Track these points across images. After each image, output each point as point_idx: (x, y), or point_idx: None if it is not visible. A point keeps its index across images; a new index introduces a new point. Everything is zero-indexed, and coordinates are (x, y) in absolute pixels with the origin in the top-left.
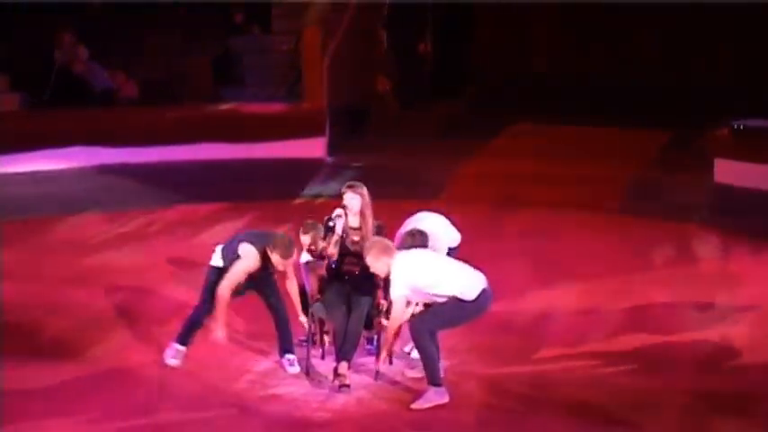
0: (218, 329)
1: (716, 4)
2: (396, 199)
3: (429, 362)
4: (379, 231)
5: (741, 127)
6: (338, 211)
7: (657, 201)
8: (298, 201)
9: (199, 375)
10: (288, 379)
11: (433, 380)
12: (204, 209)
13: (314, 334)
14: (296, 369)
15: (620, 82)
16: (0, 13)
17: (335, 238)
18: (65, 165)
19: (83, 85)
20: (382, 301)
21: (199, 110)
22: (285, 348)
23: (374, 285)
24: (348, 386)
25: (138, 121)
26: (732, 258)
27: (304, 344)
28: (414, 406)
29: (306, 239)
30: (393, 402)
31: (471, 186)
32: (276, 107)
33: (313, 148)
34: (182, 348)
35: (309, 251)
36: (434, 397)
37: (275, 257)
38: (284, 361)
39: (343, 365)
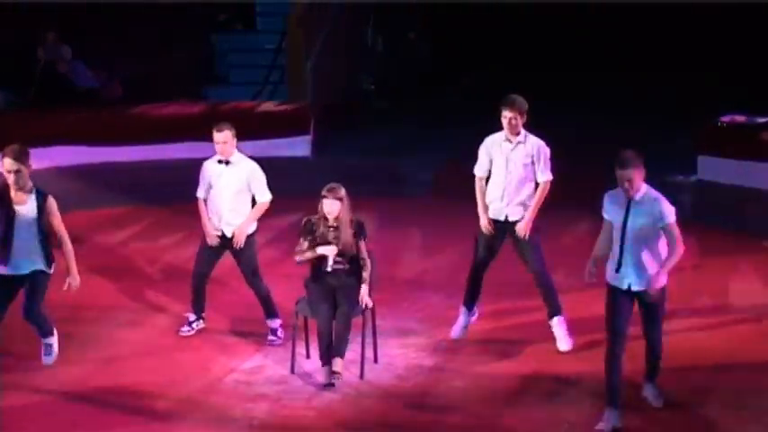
0: None
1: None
2: (381, 196)
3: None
4: (360, 227)
5: (725, 124)
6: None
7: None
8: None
9: (183, 376)
10: (274, 378)
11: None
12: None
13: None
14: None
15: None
16: None
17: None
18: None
19: (67, 85)
20: (366, 298)
21: (183, 108)
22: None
23: (358, 282)
24: (334, 384)
25: (123, 120)
26: (717, 255)
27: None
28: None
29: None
30: (379, 400)
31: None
32: (260, 105)
33: (298, 146)
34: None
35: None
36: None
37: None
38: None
39: (338, 362)
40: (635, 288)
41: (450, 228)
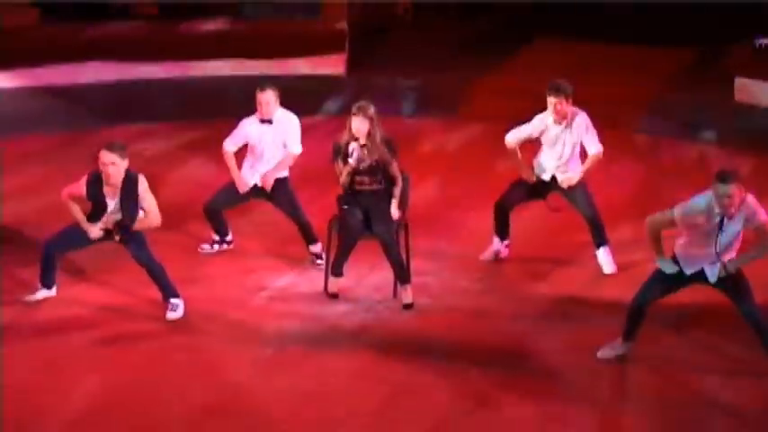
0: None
1: None
2: (411, 116)
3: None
4: (389, 145)
5: (763, 45)
6: (353, 144)
7: (676, 120)
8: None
9: (213, 292)
10: (306, 295)
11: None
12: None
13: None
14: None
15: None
16: None
17: (348, 168)
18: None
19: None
20: (395, 211)
21: (220, 25)
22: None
23: (390, 201)
24: (411, 305)
25: (156, 36)
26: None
27: (322, 261)
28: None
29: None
30: (411, 319)
31: (489, 102)
32: (297, 24)
33: (334, 64)
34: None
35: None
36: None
37: None
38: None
39: (408, 290)
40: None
41: (481, 149)
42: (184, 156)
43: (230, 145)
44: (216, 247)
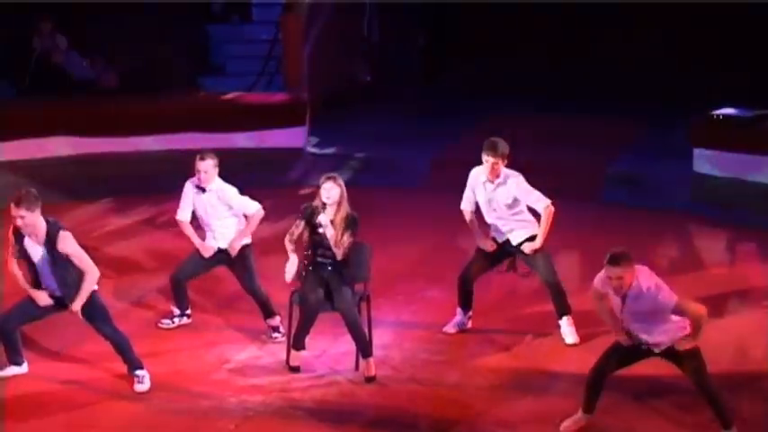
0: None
1: None
2: (374, 187)
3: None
4: (354, 222)
5: (720, 116)
6: (322, 217)
7: (637, 188)
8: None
9: (175, 367)
10: (268, 368)
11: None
12: None
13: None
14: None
15: (598, 71)
16: None
17: (301, 229)
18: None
19: (62, 75)
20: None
21: (179, 100)
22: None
23: (351, 273)
24: (374, 378)
25: (118, 111)
26: (712, 246)
27: (280, 335)
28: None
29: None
30: (374, 391)
31: (452, 173)
32: (257, 97)
33: (293, 137)
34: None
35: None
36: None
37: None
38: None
39: (370, 364)
40: (656, 350)
41: (447, 219)
42: (142, 229)
43: (182, 214)
44: (176, 320)
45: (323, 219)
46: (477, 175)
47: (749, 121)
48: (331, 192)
